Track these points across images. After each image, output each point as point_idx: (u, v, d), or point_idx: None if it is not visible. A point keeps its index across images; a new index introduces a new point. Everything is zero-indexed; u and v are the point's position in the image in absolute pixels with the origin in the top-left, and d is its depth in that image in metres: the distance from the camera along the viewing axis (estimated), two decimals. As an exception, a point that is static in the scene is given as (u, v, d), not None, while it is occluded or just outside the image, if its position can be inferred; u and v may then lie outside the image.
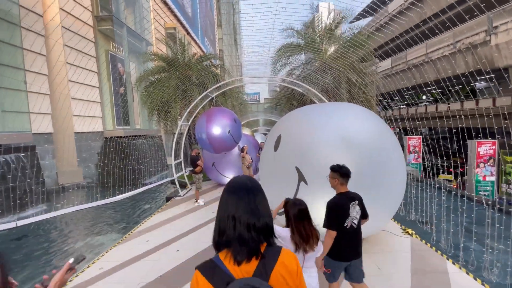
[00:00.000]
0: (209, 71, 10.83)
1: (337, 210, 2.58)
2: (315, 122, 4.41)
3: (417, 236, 5.06)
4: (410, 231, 5.16)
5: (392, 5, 22.81)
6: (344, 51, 9.12)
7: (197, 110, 9.80)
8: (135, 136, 17.71)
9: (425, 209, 7.34)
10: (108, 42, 16.93)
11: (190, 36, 33.01)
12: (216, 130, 8.03)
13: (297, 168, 4.17)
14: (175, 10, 28.34)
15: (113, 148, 14.67)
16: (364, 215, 2.70)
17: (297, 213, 2.12)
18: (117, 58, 17.47)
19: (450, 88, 16.14)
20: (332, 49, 10.34)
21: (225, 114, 8.43)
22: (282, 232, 2.18)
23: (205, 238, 5.30)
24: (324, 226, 2.55)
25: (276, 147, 4.64)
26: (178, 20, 29.02)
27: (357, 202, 2.63)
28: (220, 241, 0.98)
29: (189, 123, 9.87)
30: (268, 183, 4.72)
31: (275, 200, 3.24)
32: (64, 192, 11.96)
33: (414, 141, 17.06)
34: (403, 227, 5.45)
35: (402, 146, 13.61)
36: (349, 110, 4.61)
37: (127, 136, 16.34)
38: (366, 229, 3.20)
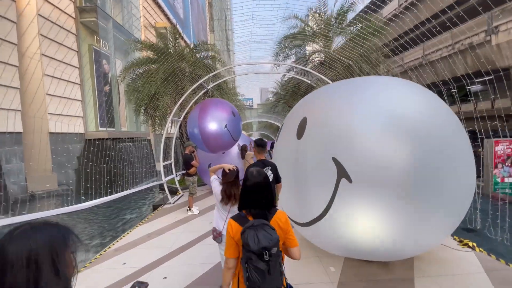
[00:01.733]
0: (204, 63, 9.63)
1: None
2: (354, 100, 3.23)
3: (481, 249, 3.87)
4: (470, 243, 3.97)
5: (387, 9, 22.31)
6: (358, 38, 8.12)
7: (190, 105, 8.53)
8: (121, 138, 16.18)
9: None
10: (92, 36, 15.56)
11: (182, 38, 31.89)
12: (211, 123, 6.78)
13: (335, 160, 2.95)
14: (166, 10, 27.24)
15: (95, 152, 13.15)
16: (276, 180, 3.49)
17: (230, 179, 2.71)
18: (101, 54, 16.08)
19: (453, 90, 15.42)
20: (341, 38, 9.38)
21: (222, 105, 7.20)
22: (216, 187, 2.90)
23: (200, 259, 3.98)
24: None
25: (300, 134, 3.41)
26: (169, 20, 27.88)
27: (270, 168, 3.44)
28: (244, 207, 1.69)
29: (181, 119, 8.61)
30: (293, 182, 3.49)
31: (301, 211, 3.18)
32: (35, 200, 10.35)
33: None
34: (456, 237, 4.26)
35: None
36: (397, 85, 3.44)
37: (111, 139, 14.82)
38: (419, 245, 2.95)
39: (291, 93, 11.50)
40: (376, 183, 2.84)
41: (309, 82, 8.54)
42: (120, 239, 5.05)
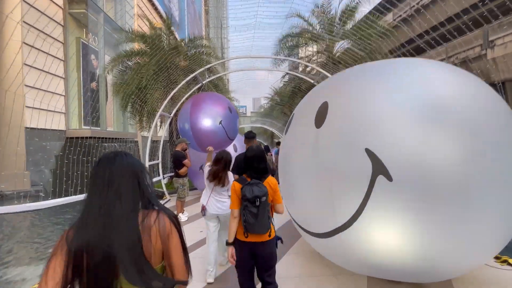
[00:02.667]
0: (200, 57, 8.95)
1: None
2: (391, 82, 2.61)
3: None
4: (510, 260, 3.35)
5: (382, 22, 22.44)
6: (364, 39, 7.68)
7: (182, 100, 7.80)
8: (105, 138, 15.15)
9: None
10: (80, 29, 14.74)
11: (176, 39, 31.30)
12: (203, 119, 6.07)
13: (369, 152, 2.29)
14: (161, 11, 26.70)
15: (77, 151, 12.12)
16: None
17: (216, 161, 3.07)
18: (90, 49, 15.24)
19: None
20: (345, 38, 8.93)
21: (217, 99, 6.52)
22: (206, 168, 3.33)
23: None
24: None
25: (319, 122, 2.75)
26: (165, 21, 27.27)
27: None
28: (244, 171, 2.27)
29: (171, 115, 7.85)
30: (309, 181, 2.81)
31: (319, 218, 2.69)
32: (2, 201, 9.24)
33: None
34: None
35: None
36: (436, 69, 2.83)
37: (95, 138, 13.82)
38: (465, 264, 2.51)
39: (291, 95, 10.91)
40: (422, 184, 2.19)
41: (311, 81, 7.99)
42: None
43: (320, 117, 2.76)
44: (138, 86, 8.08)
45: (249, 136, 3.82)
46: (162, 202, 7.35)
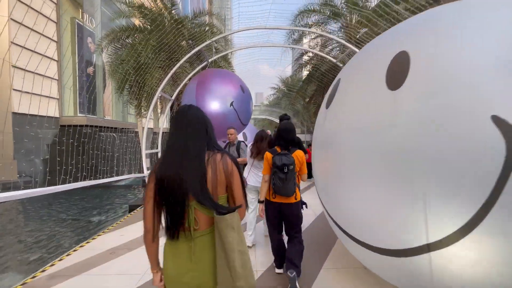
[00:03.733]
0: (204, 35, 7.93)
1: None
2: (459, 36, 1.67)
3: None
4: None
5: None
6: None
7: (185, 80, 6.87)
8: (103, 127, 14.29)
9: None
10: (76, 9, 13.78)
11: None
12: (212, 100, 5.17)
13: (498, 121, 1.36)
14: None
15: (71, 140, 11.28)
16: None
17: (257, 137, 3.33)
18: (86, 30, 14.28)
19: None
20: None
21: (227, 77, 5.59)
22: (247, 148, 3.75)
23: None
24: None
25: (396, 81, 1.84)
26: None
27: None
28: (276, 144, 2.57)
29: (173, 98, 6.94)
30: (380, 171, 1.89)
31: (396, 228, 1.82)
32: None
33: None
34: None
35: None
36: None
37: (91, 126, 12.97)
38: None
39: (306, 80, 9.85)
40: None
41: (334, 61, 7.01)
42: (67, 255, 3.33)
43: (397, 74, 1.83)
44: (136, 64, 7.17)
45: (284, 118, 3.86)
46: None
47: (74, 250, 3.48)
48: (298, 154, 2.51)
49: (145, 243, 1.22)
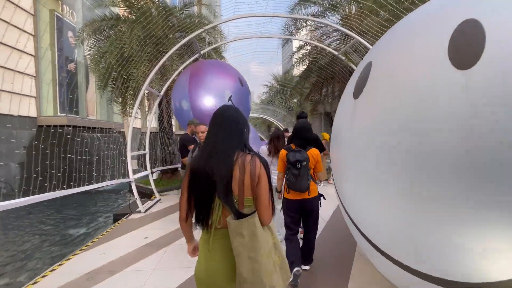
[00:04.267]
0: (194, 24, 7.27)
1: None
2: None
3: None
4: None
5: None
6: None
7: (175, 74, 6.25)
8: (86, 128, 13.42)
9: None
10: (55, 1, 12.84)
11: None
12: (207, 94, 4.59)
13: None
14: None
15: (50, 142, 10.40)
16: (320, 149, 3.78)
17: (274, 136, 3.37)
18: (66, 24, 13.36)
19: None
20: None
21: (224, 69, 5.04)
22: (264, 147, 3.55)
23: None
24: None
25: (465, 55, 1.31)
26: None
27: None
28: (292, 142, 2.63)
29: (161, 94, 6.30)
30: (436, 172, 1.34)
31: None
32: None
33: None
34: None
35: None
36: None
37: (73, 127, 12.08)
38: None
39: (303, 75, 9.32)
40: None
41: (335, 53, 6.56)
42: (34, 283, 2.71)
43: (468, 47, 1.35)
44: (120, 57, 6.49)
45: (302, 116, 3.97)
46: (150, 203, 5.88)
47: (43, 276, 2.85)
48: (313, 152, 2.57)
49: (181, 227, 1.35)
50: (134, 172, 5.50)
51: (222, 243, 1.20)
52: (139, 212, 5.15)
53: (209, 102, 4.63)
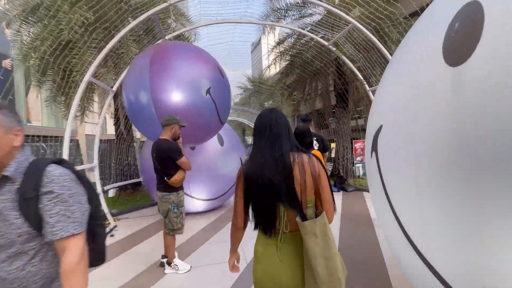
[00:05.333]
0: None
1: None
2: None
3: None
4: None
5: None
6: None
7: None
8: (29, 136, 11.19)
9: None
10: (-19, -18, 10.54)
11: None
12: (177, 85, 3.38)
13: None
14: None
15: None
16: (324, 149, 3.83)
17: None
18: (-3, 11, 11.06)
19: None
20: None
21: (198, 53, 3.84)
22: None
23: None
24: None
25: None
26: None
27: (315, 138, 3.68)
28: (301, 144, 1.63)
29: (114, 89, 4.90)
30: None
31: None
32: None
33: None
34: None
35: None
36: None
37: (8, 135, 9.88)
38: None
39: (285, 71, 8.30)
40: None
41: (325, 44, 5.68)
42: None
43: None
44: (58, 44, 4.96)
45: (307, 119, 3.66)
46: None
47: None
48: (316, 154, 2.37)
49: (232, 233, 1.36)
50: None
51: (291, 246, 1.22)
52: (84, 250, 3.73)
53: (178, 96, 3.39)
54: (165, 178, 2.81)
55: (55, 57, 5.10)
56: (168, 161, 2.80)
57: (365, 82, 6.12)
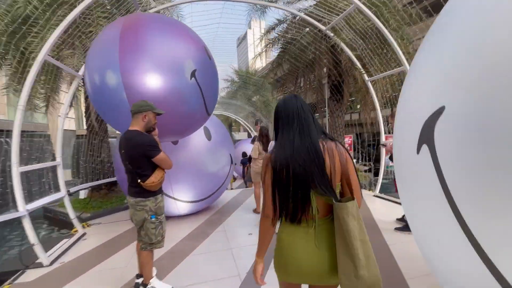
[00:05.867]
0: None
1: None
2: None
3: None
4: None
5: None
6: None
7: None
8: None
9: None
10: None
11: None
12: (155, 65, 2.76)
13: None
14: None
15: None
16: None
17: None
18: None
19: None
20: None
21: (181, 29, 3.21)
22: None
23: None
24: None
25: None
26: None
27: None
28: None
29: (80, 73, 4.21)
30: None
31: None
32: None
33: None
34: None
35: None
36: None
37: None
38: None
39: (276, 61, 7.73)
40: None
41: (322, 28, 5.19)
42: None
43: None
44: (12, 21, 4.17)
45: None
46: (66, 242, 3.79)
47: None
48: None
49: (263, 228, 1.28)
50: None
51: (322, 232, 1.23)
52: (40, 266, 3.07)
53: (156, 78, 2.78)
54: (139, 180, 2.23)
55: (11, 36, 4.31)
56: (141, 158, 2.21)
57: (364, 71, 5.70)
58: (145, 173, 2.23)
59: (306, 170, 1.15)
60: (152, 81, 2.74)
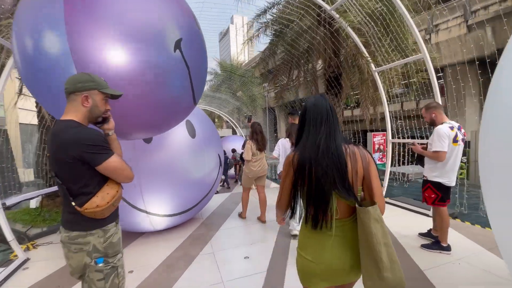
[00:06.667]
0: None
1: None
2: None
3: None
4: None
5: None
6: None
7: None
8: None
9: None
10: None
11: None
12: (123, 29, 1.89)
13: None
14: None
15: None
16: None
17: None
18: None
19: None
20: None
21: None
22: (286, 143, 3.72)
23: None
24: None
25: None
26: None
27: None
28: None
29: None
30: None
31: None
32: None
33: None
34: None
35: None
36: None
37: None
38: None
39: (269, 50, 6.94)
40: None
41: (328, 8, 4.50)
42: None
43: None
44: None
45: (293, 112, 3.86)
46: (2, 272, 2.83)
47: None
48: None
49: (279, 210, 1.38)
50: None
51: (341, 233, 1.24)
52: None
53: (123, 48, 1.91)
54: (72, 202, 1.38)
55: None
56: (76, 166, 1.34)
57: (371, 61, 5.09)
58: (83, 190, 1.37)
59: (327, 174, 1.17)
60: (116, 52, 1.89)
